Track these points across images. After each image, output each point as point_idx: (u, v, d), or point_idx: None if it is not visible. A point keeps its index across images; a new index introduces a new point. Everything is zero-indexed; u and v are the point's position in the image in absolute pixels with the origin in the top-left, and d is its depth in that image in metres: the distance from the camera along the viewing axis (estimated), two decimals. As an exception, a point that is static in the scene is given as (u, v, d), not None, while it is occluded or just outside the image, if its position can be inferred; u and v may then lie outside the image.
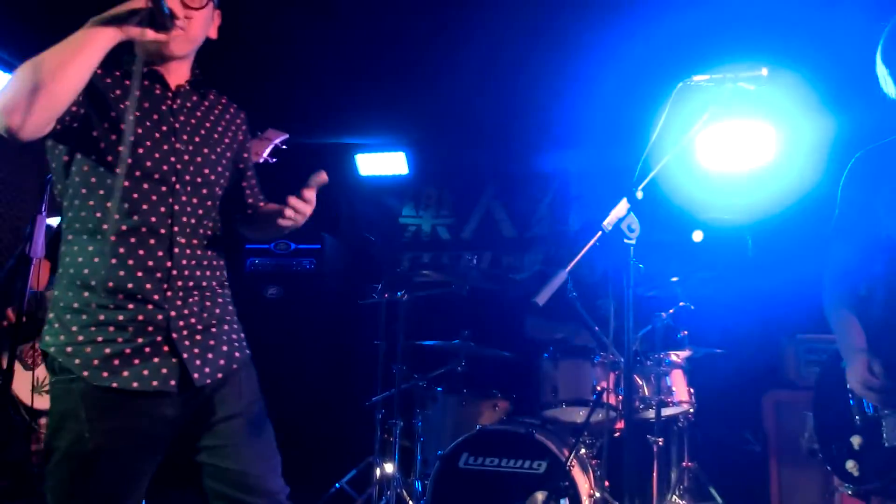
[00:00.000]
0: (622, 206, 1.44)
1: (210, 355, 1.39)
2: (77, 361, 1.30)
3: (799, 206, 3.37)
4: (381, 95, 3.78)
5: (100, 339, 1.31)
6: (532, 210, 4.42)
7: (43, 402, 2.30)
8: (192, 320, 1.39)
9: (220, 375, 1.40)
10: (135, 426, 1.32)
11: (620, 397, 2.79)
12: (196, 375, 1.35)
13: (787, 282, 3.20)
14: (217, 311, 1.45)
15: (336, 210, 4.55)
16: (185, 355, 1.35)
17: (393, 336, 3.31)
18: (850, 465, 1.62)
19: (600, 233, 1.42)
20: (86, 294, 1.33)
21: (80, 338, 1.31)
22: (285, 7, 2.93)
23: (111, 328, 1.31)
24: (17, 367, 2.29)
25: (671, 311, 3.00)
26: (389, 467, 3.21)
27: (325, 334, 3.98)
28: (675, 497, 3.04)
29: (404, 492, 3.14)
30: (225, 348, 1.43)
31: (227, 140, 1.53)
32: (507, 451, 2.71)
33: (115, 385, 1.29)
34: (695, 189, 3.35)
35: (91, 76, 1.29)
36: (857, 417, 1.67)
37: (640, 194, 1.43)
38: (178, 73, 1.48)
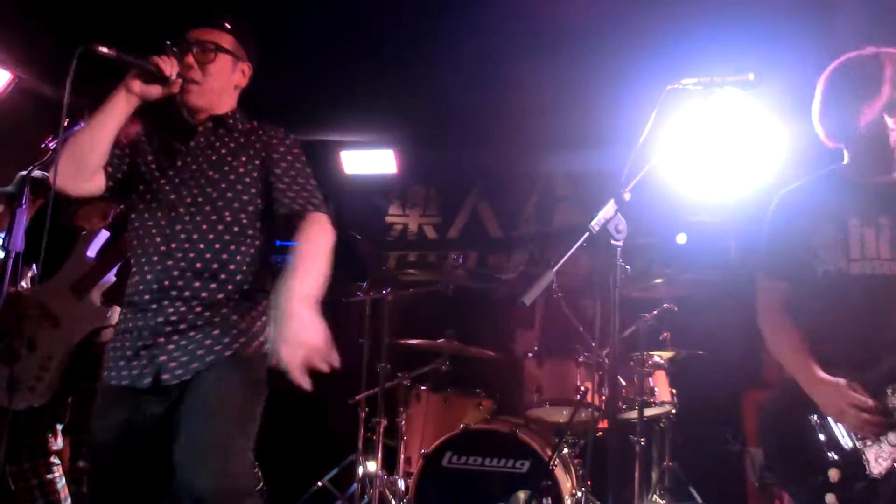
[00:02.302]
0: (610, 208, 1.44)
1: (185, 357, 1.51)
2: (106, 363, 1.58)
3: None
4: (368, 92, 3.75)
5: (118, 343, 1.57)
6: (518, 210, 4.43)
7: (17, 401, 2.24)
8: (181, 325, 1.53)
9: (188, 378, 1.50)
10: (130, 418, 1.52)
11: (604, 397, 2.81)
12: (166, 376, 1.50)
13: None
14: (210, 316, 1.54)
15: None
16: (163, 357, 1.51)
17: (377, 334, 3.30)
18: (830, 498, 1.57)
19: (588, 233, 1.43)
20: (125, 309, 1.62)
21: (115, 344, 1.59)
22: (271, 3, 2.90)
23: (126, 334, 1.56)
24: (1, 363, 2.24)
25: (655, 312, 3.03)
26: (372, 465, 3.20)
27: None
28: (655, 496, 3.07)
29: (387, 490, 3.13)
30: (200, 351, 1.52)
31: (242, 160, 1.63)
32: (491, 451, 2.71)
33: (112, 382, 1.53)
34: (680, 191, 3.38)
35: (134, 139, 1.63)
36: (830, 453, 1.61)
37: (627, 196, 1.44)
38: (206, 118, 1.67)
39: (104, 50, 1.44)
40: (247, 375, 1.55)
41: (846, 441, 1.61)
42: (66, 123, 2.19)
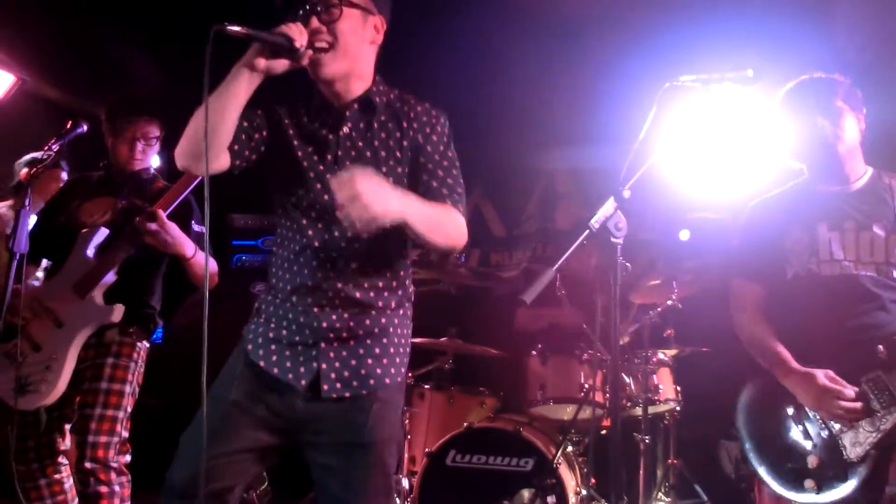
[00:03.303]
0: (609, 205, 1.44)
1: (346, 373, 1.45)
2: (251, 337, 1.51)
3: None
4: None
5: (272, 325, 1.49)
6: (520, 208, 4.42)
7: (24, 403, 2.25)
8: (344, 335, 1.46)
9: (347, 395, 1.45)
10: (267, 400, 1.45)
11: (608, 395, 2.80)
12: (325, 387, 1.44)
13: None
14: (370, 326, 1.47)
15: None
16: (323, 365, 1.44)
17: (381, 333, 3.29)
18: (809, 483, 1.67)
19: (588, 231, 1.42)
20: (272, 295, 1.52)
21: (262, 319, 1.51)
22: (268, 4, 2.90)
23: (281, 322, 1.48)
24: (2, 365, 2.25)
25: (659, 309, 3.02)
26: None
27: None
28: (660, 494, 3.07)
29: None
30: (362, 371, 1.46)
31: (399, 153, 1.48)
32: (495, 449, 2.72)
33: (262, 364, 1.46)
34: (682, 188, 3.36)
35: (274, 117, 1.46)
36: (807, 442, 1.71)
37: (627, 193, 1.44)
38: (347, 92, 1.47)
39: (236, 29, 1.28)
40: (398, 414, 1.53)
41: (823, 429, 1.69)
42: (68, 126, 2.23)
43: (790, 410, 1.75)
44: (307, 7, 1.39)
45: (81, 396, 2.30)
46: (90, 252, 2.32)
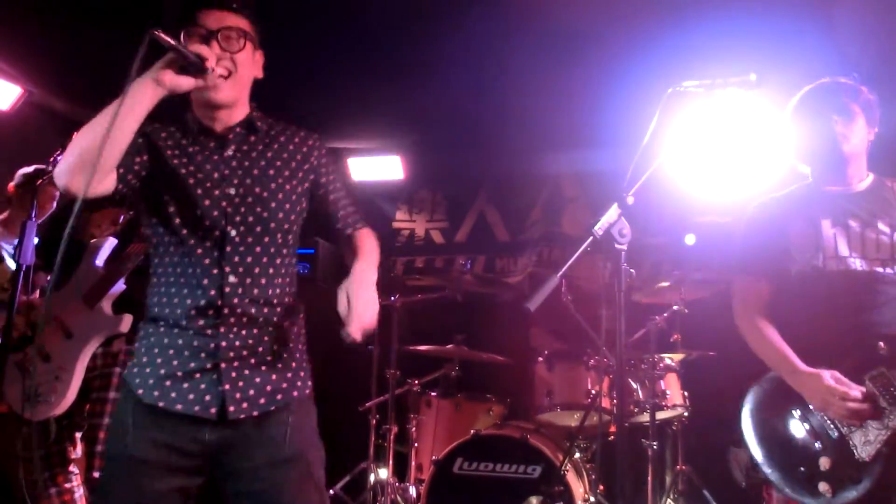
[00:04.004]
0: (613, 211, 1.44)
1: (252, 391, 1.41)
2: (137, 381, 1.42)
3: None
4: (374, 99, 3.77)
5: (159, 360, 1.41)
6: (525, 213, 4.42)
7: (34, 413, 2.27)
8: (244, 353, 1.42)
9: (255, 413, 1.41)
10: (173, 443, 1.38)
11: (615, 401, 2.79)
12: (231, 408, 1.38)
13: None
14: (274, 346, 1.46)
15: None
16: (226, 386, 1.39)
17: (386, 341, 3.30)
18: (823, 486, 1.64)
19: (592, 238, 1.42)
20: (154, 325, 1.46)
21: (145, 359, 1.43)
22: (276, 10, 2.92)
23: (170, 351, 1.41)
24: (12, 376, 2.26)
25: (665, 314, 3.01)
26: (384, 473, 3.20)
27: (318, 339, 3.95)
28: (669, 501, 3.04)
29: (399, 497, 3.12)
30: (269, 388, 1.43)
31: (288, 172, 1.51)
32: (502, 456, 2.71)
33: (161, 404, 1.38)
34: (687, 192, 3.36)
35: (150, 139, 1.44)
36: (816, 443, 1.68)
37: (630, 199, 1.43)
38: (230, 118, 1.51)
39: (163, 37, 1.27)
40: (314, 427, 1.51)
41: (832, 430, 1.67)
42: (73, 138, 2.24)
43: (797, 412, 1.73)
44: (208, 31, 1.43)
45: (90, 405, 2.31)
46: (99, 262, 2.33)
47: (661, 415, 2.93)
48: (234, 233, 1.44)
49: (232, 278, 1.42)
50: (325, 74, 3.45)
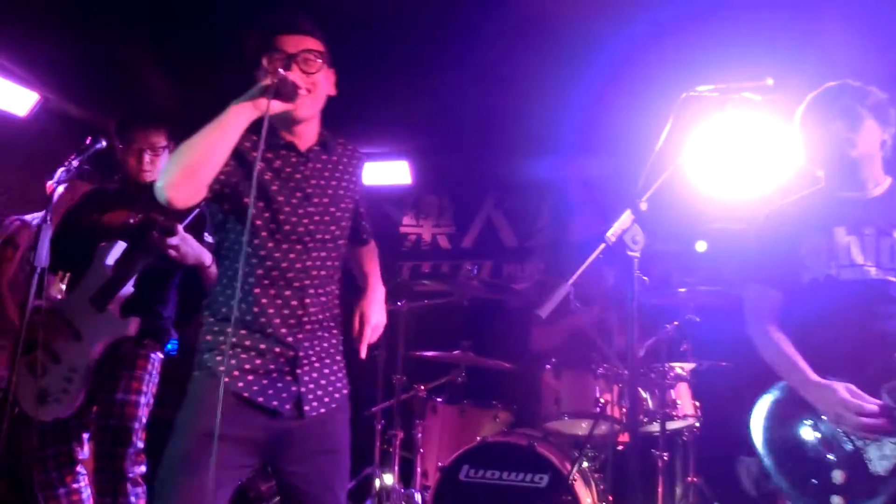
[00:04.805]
0: (626, 218, 1.42)
1: (320, 392, 1.60)
2: (222, 368, 1.52)
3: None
4: (382, 104, 3.77)
5: (243, 356, 1.55)
6: (533, 219, 4.40)
7: (44, 413, 2.27)
8: (314, 359, 1.60)
9: (323, 411, 1.59)
10: (247, 423, 1.52)
11: (624, 409, 2.75)
12: (307, 408, 1.57)
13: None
14: (329, 347, 1.65)
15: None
16: (302, 389, 1.57)
17: (392, 346, 3.28)
18: (837, 500, 1.61)
19: (603, 245, 1.40)
20: (235, 326, 1.56)
21: (230, 351, 1.54)
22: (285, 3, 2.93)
23: (253, 352, 1.55)
24: (24, 378, 2.27)
25: (675, 322, 2.97)
26: (389, 479, 3.18)
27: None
28: (679, 512, 3.00)
29: (404, 503, 3.10)
30: (330, 388, 1.63)
31: (348, 192, 1.69)
32: (509, 464, 2.67)
33: (245, 395, 1.52)
34: (699, 199, 3.32)
35: (240, 149, 1.54)
36: (830, 455, 1.64)
37: (643, 206, 1.41)
38: (307, 135, 1.65)
39: (282, 73, 1.47)
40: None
41: (845, 442, 1.63)
42: (87, 142, 2.26)
43: (809, 422, 1.70)
44: (291, 56, 1.55)
45: (98, 407, 2.31)
46: (108, 265, 2.34)
47: (671, 425, 2.89)
48: (312, 247, 1.60)
49: (311, 290, 1.59)
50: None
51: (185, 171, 1.43)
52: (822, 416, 1.67)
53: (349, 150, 1.72)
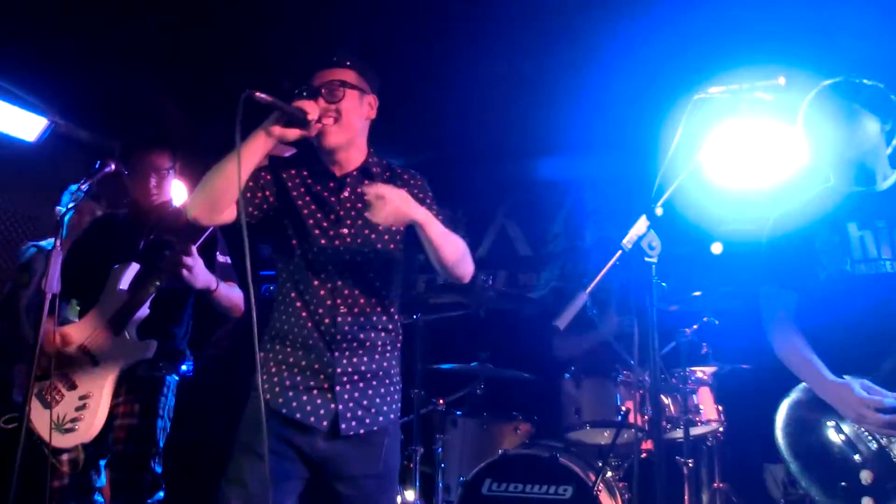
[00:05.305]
0: (641, 224, 1.40)
1: (360, 412, 1.63)
2: (266, 386, 1.64)
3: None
4: (388, 115, 3.77)
5: (285, 373, 1.63)
6: (547, 227, 4.37)
7: (62, 441, 2.27)
8: (356, 377, 1.63)
9: (362, 431, 1.62)
10: (294, 441, 1.61)
11: (647, 417, 2.71)
12: (343, 426, 1.60)
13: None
14: (376, 368, 1.67)
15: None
16: (340, 406, 1.60)
17: (410, 360, 3.25)
18: (868, 501, 1.59)
19: (620, 251, 1.38)
20: (281, 343, 1.68)
21: (273, 369, 1.65)
22: (289, 26, 2.95)
23: (294, 369, 1.64)
24: (37, 404, 2.28)
25: (695, 326, 2.93)
26: (410, 495, 3.14)
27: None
28: (707, 520, 2.93)
29: (427, 520, 3.06)
30: (373, 409, 1.64)
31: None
32: (531, 477, 2.64)
33: (283, 411, 1.61)
34: (714, 201, 3.29)
35: (281, 178, 1.68)
36: (855, 456, 1.63)
37: (659, 211, 1.39)
38: (346, 162, 1.71)
39: (262, 96, 1.48)
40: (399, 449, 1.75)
41: (870, 441, 1.61)
42: (97, 166, 2.27)
43: (832, 423, 1.68)
44: (314, 89, 1.64)
45: (114, 433, 2.30)
46: (123, 288, 2.35)
47: (695, 430, 2.84)
48: (344, 269, 1.65)
49: (343, 309, 1.64)
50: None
51: (204, 191, 1.58)
52: (843, 416, 1.65)
53: (403, 178, 1.76)
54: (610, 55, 3.05)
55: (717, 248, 3.58)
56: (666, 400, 2.79)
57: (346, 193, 1.69)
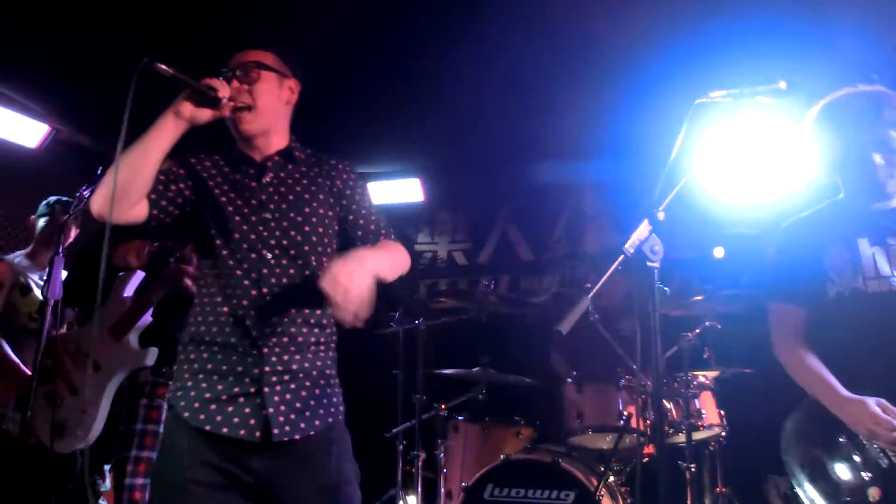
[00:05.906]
0: (644, 229, 1.39)
1: (293, 415, 1.43)
2: (182, 403, 1.43)
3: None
4: (391, 122, 3.79)
5: (203, 384, 1.43)
6: (548, 232, 4.37)
7: (63, 446, 2.28)
8: (286, 377, 1.45)
9: (297, 437, 1.42)
10: (224, 466, 1.40)
11: (649, 421, 2.70)
12: (276, 431, 1.40)
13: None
14: (309, 367, 1.49)
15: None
16: (270, 410, 1.41)
17: (412, 365, 3.26)
18: None
19: (622, 256, 1.38)
20: (195, 347, 1.48)
21: (189, 382, 1.45)
22: (293, 34, 2.96)
23: (214, 375, 1.44)
24: (38, 409, 2.28)
25: (697, 331, 2.92)
26: (412, 500, 3.13)
27: (341, 365, 3.92)
28: (710, 525, 2.92)
29: (429, 526, 3.05)
30: (308, 413, 1.45)
31: (318, 200, 1.57)
32: (533, 482, 2.63)
33: (207, 427, 1.40)
34: (713, 204, 3.28)
35: (192, 167, 1.52)
36: (865, 473, 1.60)
37: (661, 216, 1.39)
38: (265, 148, 1.58)
39: (163, 67, 1.36)
40: (351, 453, 1.52)
41: (881, 459, 1.59)
42: (98, 172, 2.28)
43: (842, 439, 1.65)
44: (227, 71, 1.52)
45: (117, 438, 2.31)
46: (126, 295, 2.36)
47: (697, 435, 2.83)
48: (269, 256, 1.49)
49: (269, 299, 1.46)
50: (341, 99, 3.48)
51: (109, 186, 1.37)
52: (855, 432, 1.63)
53: (330, 163, 1.63)
54: (612, 60, 3.05)
55: (718, 253, 3.57)
56: (668, 404, 2.78)
57: (268, 178, 1.55)
